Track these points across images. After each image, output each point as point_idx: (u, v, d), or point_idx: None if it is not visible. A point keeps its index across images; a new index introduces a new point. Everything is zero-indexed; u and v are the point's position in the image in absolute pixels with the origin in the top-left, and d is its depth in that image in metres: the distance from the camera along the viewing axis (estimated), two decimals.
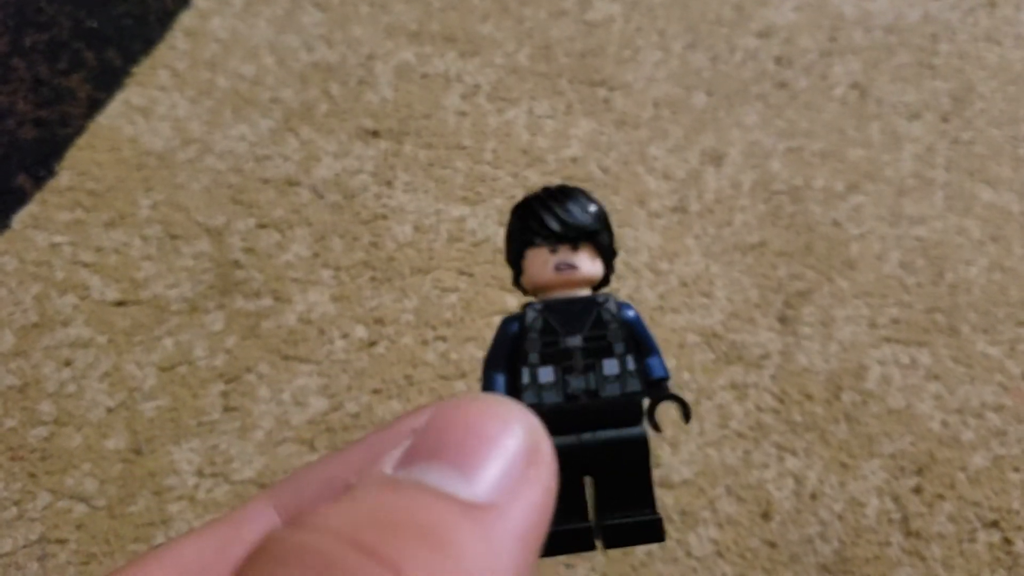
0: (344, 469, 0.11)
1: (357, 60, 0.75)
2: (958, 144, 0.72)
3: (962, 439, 0.59)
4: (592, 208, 0.14)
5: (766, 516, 0.56)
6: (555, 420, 0.12)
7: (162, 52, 0.74)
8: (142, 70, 0.73)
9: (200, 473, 0.57)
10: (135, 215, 0.66)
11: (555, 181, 0.69)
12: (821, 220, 0.68)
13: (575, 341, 0.13)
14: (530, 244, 0.14)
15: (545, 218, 0.14)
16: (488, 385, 0.13)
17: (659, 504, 0.12)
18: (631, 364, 0.13)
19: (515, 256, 0.14)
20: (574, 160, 0.70)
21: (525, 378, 0.13)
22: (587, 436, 0.13)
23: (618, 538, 0.13)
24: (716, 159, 0.71)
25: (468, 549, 0.08)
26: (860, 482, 0.57)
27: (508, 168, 0.69)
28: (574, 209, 0.14)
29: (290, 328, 0.62)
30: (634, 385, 0.13)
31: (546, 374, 0.13)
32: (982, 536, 0.56)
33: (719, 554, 0.55)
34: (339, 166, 0.69)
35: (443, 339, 0.62)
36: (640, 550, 0.55)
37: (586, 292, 0.14)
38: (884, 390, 0.61)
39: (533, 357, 0.13)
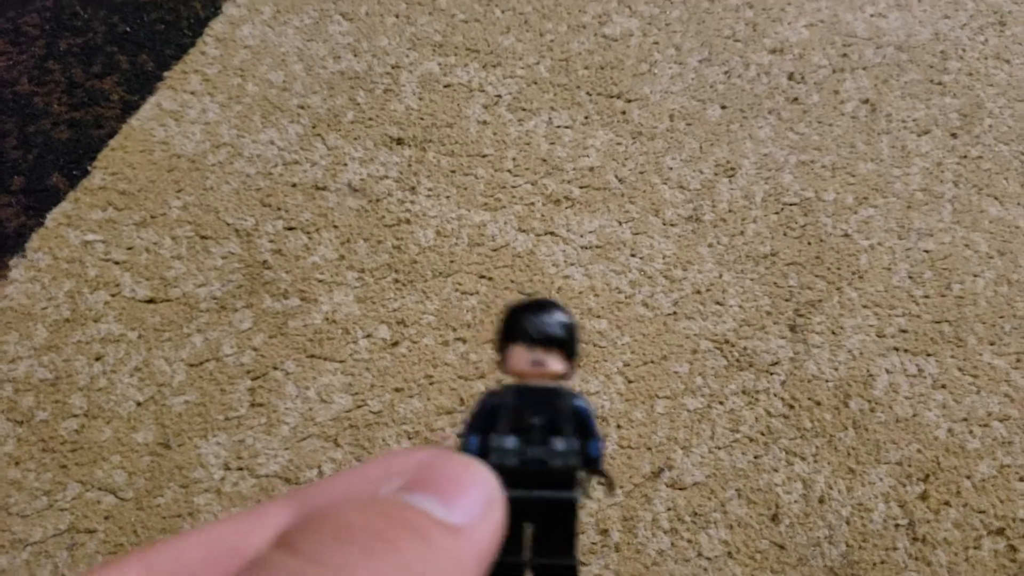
0: (347, 491, 0.14)
1: (383, 69, 0.77)
2: (966, 160, 0.73)
3: (968, 448, 0.60)
4: (565, 321, 0.18)
5: (775, 519, 0.58)
6: (512, 478, 0.16)
7: (193, 58, 0.76)
8: (174, 75, 0.75)
9: (226, 467, 0.59)
10: (166, 215, 0.68)
11: (573, 191, 0.71)
12: (831, 232, 0.69)
13: (536, 420, 0.17)
14: (513, 341, 0.18)
15: (527, 326, 0.18)
16: (465, 444, 0.17)
17: (577, 551, 0.17)
18: (575, 444, 0.17)
19: (501, 346, 0.19)
20: (591, 170, 0.72)
21: (494, 443, 0.17)
22: (533, 493, 0.16)
23: (543, 575, 0.17)
24: (729, 171, 0.72)
25: (443, 548, 0.12)
26: (867, 488, 0.59)
27: (527, 176, 0.71)
28: (550, 322, 0.18)
29: (316, 327, 0.64)
30: (575, 461, 0.17)
31: (510, 442, 0.17)
32: (987, 543, 0.57)
33: (729, 555, 0.57)
34: (364, 172, 0.71)
35: (463, 340, 0.64)
36: (653, 550, 0.57)
37: (552, 383, 0.18)
38: (891, 398, 0.62)
39: (502, 427, 0.17)
